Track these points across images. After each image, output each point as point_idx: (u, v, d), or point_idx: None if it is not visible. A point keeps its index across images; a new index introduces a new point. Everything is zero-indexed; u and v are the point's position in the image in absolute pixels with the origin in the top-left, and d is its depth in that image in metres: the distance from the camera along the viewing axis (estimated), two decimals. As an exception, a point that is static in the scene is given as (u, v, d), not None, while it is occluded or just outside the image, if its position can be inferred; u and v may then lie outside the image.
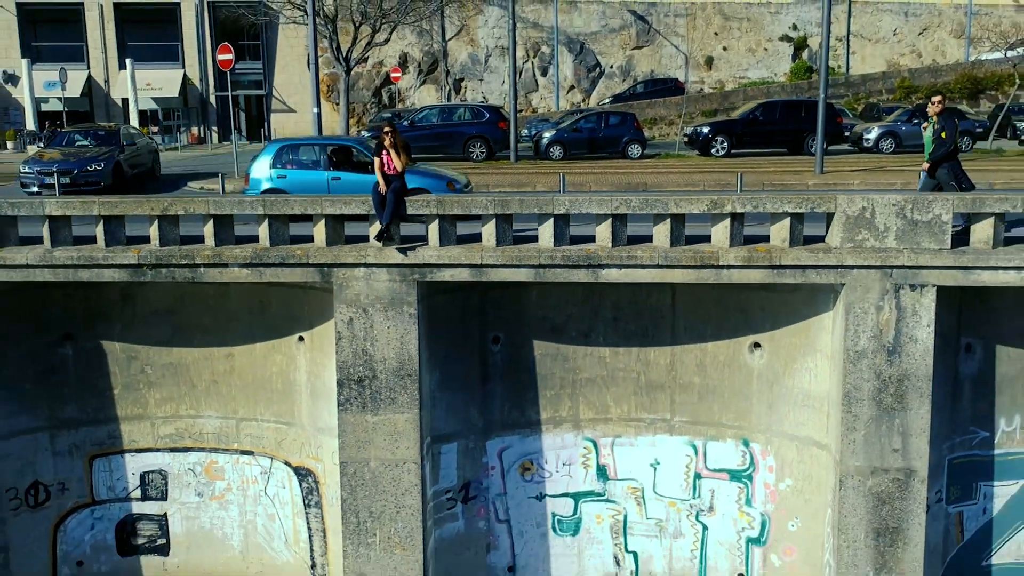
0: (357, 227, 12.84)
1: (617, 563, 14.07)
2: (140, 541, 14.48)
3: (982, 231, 11.58)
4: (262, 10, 44.05)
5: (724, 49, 48.46)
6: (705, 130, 31.42)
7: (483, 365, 13.39)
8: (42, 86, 43.75)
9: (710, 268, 11.92)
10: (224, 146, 42.31)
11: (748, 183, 20.27)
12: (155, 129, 45.29)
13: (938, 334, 11.98)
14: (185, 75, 46.25)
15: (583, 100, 47.58)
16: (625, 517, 13.92)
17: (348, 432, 12.38)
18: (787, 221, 11.79)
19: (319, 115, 25.78)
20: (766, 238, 12.19)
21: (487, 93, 47.14)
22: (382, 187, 11.92)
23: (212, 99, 46.69)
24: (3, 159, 35.99)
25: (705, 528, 13.76)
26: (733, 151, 30.78)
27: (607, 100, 45.23)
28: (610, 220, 12.05)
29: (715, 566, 13.76)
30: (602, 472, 13.83)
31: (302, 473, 13.91)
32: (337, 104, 44.76)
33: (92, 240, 12.68)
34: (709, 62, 48.54)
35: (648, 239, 12.33)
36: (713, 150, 30.76)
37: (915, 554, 12.00)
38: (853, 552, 12.18)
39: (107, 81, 46.13)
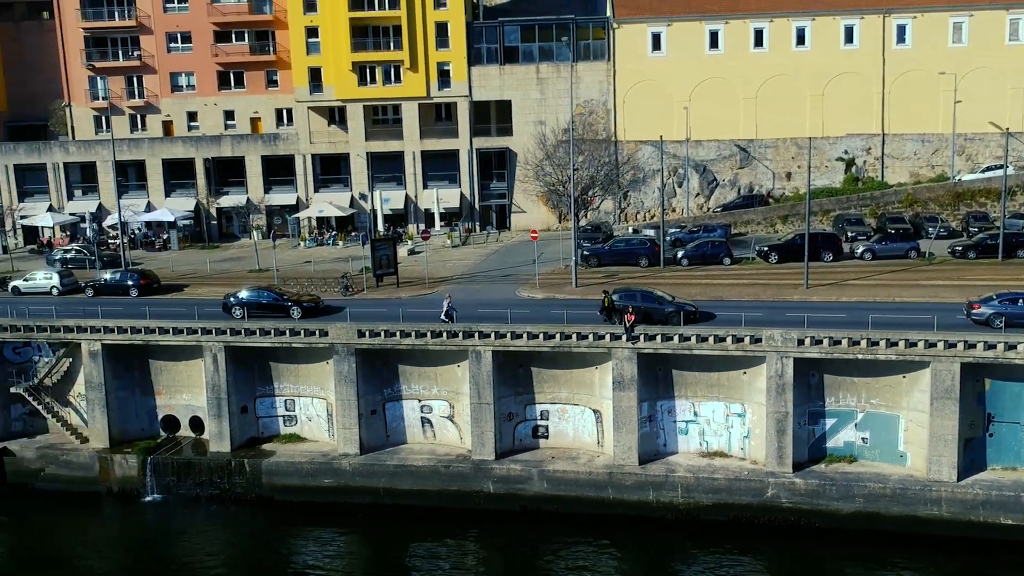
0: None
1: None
2: (540, 433, 43.58)
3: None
4: (507, 156, 73.71)
5: (798, 167, 74.78)
6: (765, 249, 58.72)
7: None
8: (379, 201, 74.65)
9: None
10: (490, 238, 71.90)
11: (755, 295, 47.83)
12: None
13: (800, 373, 39.38)
14: (461, 192, 76.35)
15: (705, 202, 75.04)
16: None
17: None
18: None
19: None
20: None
21: (644, 199, 75.25)
22: (628, 324, 40.27)
23: (476, 205, 76.62)
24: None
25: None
26: (781, 261, 57.86)
27: (719, 208, 72.71)
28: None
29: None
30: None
31: (595, 410, 42.65)
32: (552, 208, 73.75)
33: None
34: (788, 175, 75.04)
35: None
36: (769, 260, 58.04)
37: (789, 439, 39.58)
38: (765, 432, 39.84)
39: (416, 196, 76.81)
